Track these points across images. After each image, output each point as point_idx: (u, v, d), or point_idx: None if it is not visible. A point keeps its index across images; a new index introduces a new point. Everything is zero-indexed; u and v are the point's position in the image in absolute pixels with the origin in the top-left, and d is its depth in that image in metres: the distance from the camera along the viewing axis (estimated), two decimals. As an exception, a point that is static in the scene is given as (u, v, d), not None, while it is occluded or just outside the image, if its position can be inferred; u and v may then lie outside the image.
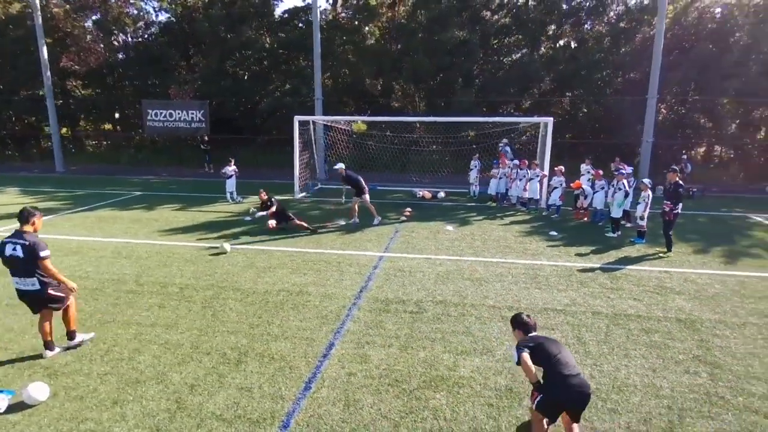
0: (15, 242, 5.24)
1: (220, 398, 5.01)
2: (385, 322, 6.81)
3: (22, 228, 5.36)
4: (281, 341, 6.24)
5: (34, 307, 5.55)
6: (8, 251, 5.24)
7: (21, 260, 5.23)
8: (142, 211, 14.47)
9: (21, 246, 5.21)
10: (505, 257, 9.97)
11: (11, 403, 4.84)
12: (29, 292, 5.37)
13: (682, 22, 19.95)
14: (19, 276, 5.32)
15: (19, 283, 5.34)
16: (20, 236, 5.28)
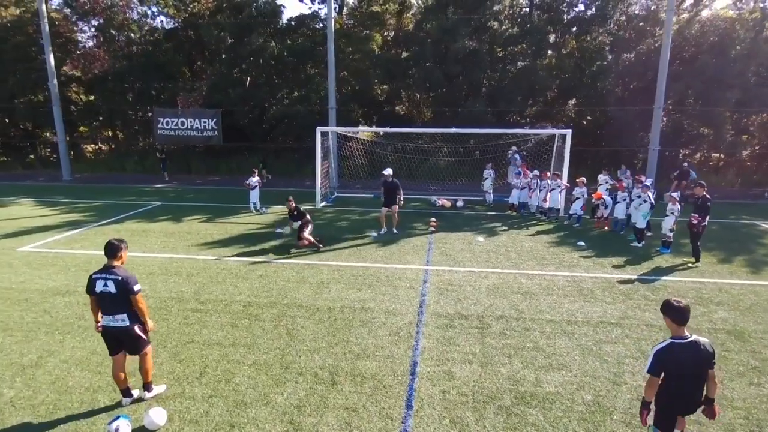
0: (106, 278, 5.14)
1: (331, 419, 5.26)
2: (455, 339, 7.12)
3: (111, 262, 5.26)
4: (364, 360, 6.49)
5: (116, 346, 5.32)
6: (99, 287, 5.13)
7: (112, 296, 5.13)
8: (170, 224, 14.52)
9: (113, 281, 5.12)
10: (544, 269, 10.36)
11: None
12: (117, 329, 5.21)
13: (686, 35, 20.71)
14: (110, 313, 5.19)
15: (108, 320, 5.20)
16: (110, 271, 5.18)
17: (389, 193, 13.07)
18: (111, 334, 5.26)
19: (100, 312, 5.30)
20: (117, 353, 5.33)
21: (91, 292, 5.22)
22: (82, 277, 9.51)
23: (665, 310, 4.20)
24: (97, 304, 5.26)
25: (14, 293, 8.80)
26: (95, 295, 5.21)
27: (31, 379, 5.99)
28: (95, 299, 5.25)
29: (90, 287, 5.21)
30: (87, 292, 5.28)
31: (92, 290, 5.19)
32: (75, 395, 5.65)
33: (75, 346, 6.84)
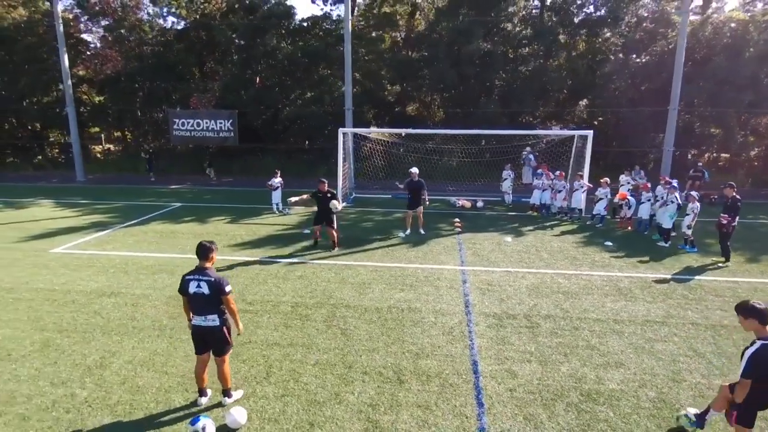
0: (199, 279, 5.24)
1: (406, 416, 5.35)
2: (508, 338, 7.23)
3: (203, 264, 5.36)
4: (425, 359, 6.59)
5: (203, 345, 5.40)
6: (192, 288, 5.23)
7: (206, 297, 5.23)
8: (195, 225, 14.57)
9: (207, 283, 5.22)
10: (578, 269, 10.49)
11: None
12: (208, 329, 5.30)
13: (699, 36, 20.92)
14: (202, 313, 5.28)
15: (200, 320, 5.29)
16: (203, 273, 5.28)
17: (415, 193, 13.04)
18: (201, 333, 5.36)
19: (190, 312, 5.43)
20: (203, 353, 5.45)
21: (184, 293, 5.33)
22: (123, 279, 9.62)
23: (746, 311, 4.31)
24: (190, 304, 5.37)
25: (59, 295, 8.84)
26: (187, 296, 5.30)
27: (100, 379, 6.05)
28: (187, 299, 5.35)
29: (183, 287, 5.32)
30: (180, 292, 5.38)
31: (185, 290, 5.30)
32: (148, 395, 5.72)
33: (134, 347, 6.90)
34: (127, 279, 9.68)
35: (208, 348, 5.41)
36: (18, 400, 5.61)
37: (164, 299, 8.64)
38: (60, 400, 5.61)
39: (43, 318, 7.84)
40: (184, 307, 5.45)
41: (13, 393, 5.75)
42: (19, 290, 9.07)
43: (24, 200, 18.61)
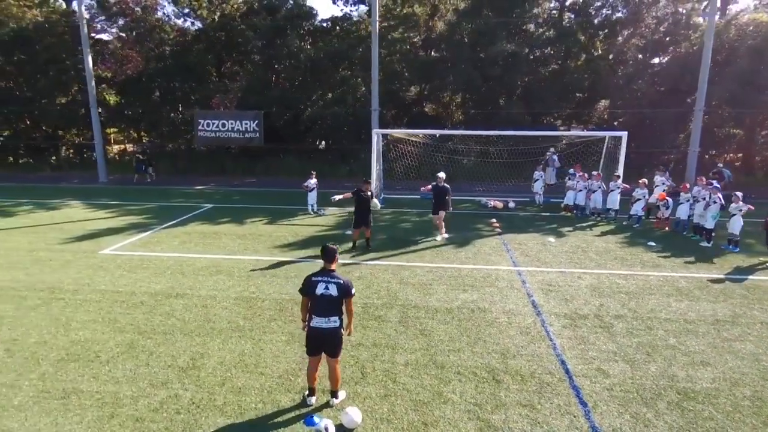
0: (328, 281, 5.30)
1: (515, 415, 5.42)
2: (587, 338, 7.31)
3: (329, 266, 5.42)
4: (512, 359, 6.66)
5: (318, 347, 5.42)
6: (320, 290, 5.28)
7: (332, 299, 5.29)
8: (234, 226, 14.59)
9: (335, 285, 5.29)
10: (631, 269, 10.58)
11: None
12: (329, 330, 5.33)
13: (723, 38, 21.08)
14: (325, 315, 5.31)
15: (321, 322, 5.31)
16: (331, 275, 5.35)
17: (438, 197, 12.56)
18: (320, 335, 5.37)
19: (309, 313, 5.44)
20: (317, 354, 5.48)
21: (307, 293, 5.34)
22: (182, 280, 9.64)
23: None
24: (309, 305, 5.39)
25: (125, 296, 8.87)
26: (312, 297, 5.31)
27: (198, 380, 6.09)
28: (309, 300, 5.37)
29: (308, 289, 5.33)
30: (303, 293, 5.39)
31: (310, 292, 5.31)
32: (252, 396, 5.76)
33: (219, 348, 6.94)
34: (187, 280, 9.70)
35: (321, 350, 5.45)
36: (124, 402, 5.65)
37: (232, 301, 8.67)
38: (166, 401, 5.65)
39: (118, 320, 7.87)
40: (302, 308, 5.49)
41: (117, 394, 5.79)
42: (83, 291, 9.09)
43: (53, 201, 18.59)
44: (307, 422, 5.27)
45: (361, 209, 11.73)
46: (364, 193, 11.53)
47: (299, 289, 5.45)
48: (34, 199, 18.93)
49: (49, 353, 6.77)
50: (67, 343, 7.05)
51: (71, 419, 5.33)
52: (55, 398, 5.71)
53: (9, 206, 17.60)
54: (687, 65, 21.28)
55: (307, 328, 5.45)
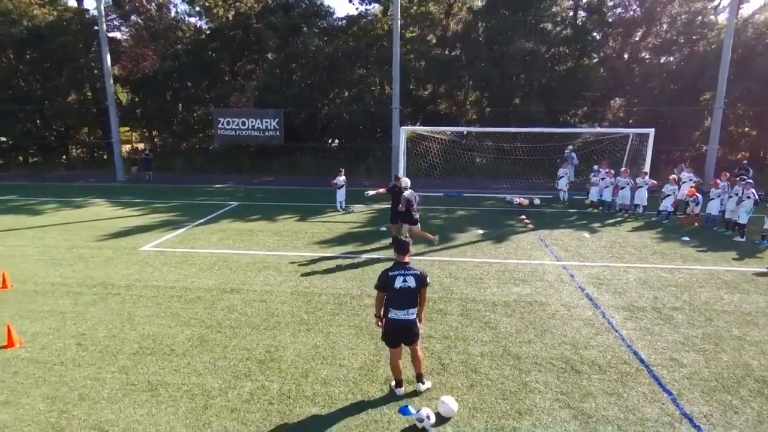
0: (405, 274, 5.33)
1: (604, 403, 5.48)
2: (651, 329, 7.39)
3: (403, 258, 5.46)
4: (584, 350, 6.73)
5: (399, 338, 5.45)
6: (399, 283, 5.28)
7: (411, 291, 5.33)
8: (268, 223, 14.60)
9: (413, 276, 5.34)
10: (672, 263, 10.68)
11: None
12: (408, 322, 5.39)
13: (740, 37, 21.26)
14: (404, 307, 5.35)
15: (401, 314, 5.35)
16: (407, 267, 5.38)
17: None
18: (400, 327, 5.41)
19: (386, 307, 5.45)
20: (398, 346, 5.52)
21: (386, 288, 5.35)
22: (232, 276, 9.67)
23: None
24: (386, 300, 5.39)
25: (180, 291, 8.89)
26: (392, 291, 5.33)
27: (279, 372, 6.13)
28: (385, 295, 5.39)
29: (387, 283, 5.33)
30: (380, 289, 5.36)
31: (389, 286, 5.32)
32: (338, 387, 5.80)
33: (291, 341, 6.98)
34: (236, 276, 9.73)
35: (402, 341, 5.49)
36: (213, 393, 5.68)
37: (288, 295, 8.71)
38: (256, 392, 5.68)
39: (180, 314, 7.89)
40: (378, 303, 5.45)
41: (203, 386, 5.81)
42: (136, 287, 9.10)
43: (76, 200, 18.54)
44: (402, 411, 5.32)
45: (395, 204, 11.75)
46: (398, 189, 11.58)
47: (376, 286, 5.41)
48: (57, 198, 18.87)
49: (122, 347, 6.79)
50: (137, 337, 7.07)
51: (165, 410, 5.36)
52: (143, 390, 5.73)
53: (34, 205, 17.55)
54: (704, 64, 21.44)
55: (385, 321, 5.45)
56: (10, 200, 18.53)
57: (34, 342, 6.95)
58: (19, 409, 5.40)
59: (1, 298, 8.64)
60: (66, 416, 5.26)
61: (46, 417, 5.25)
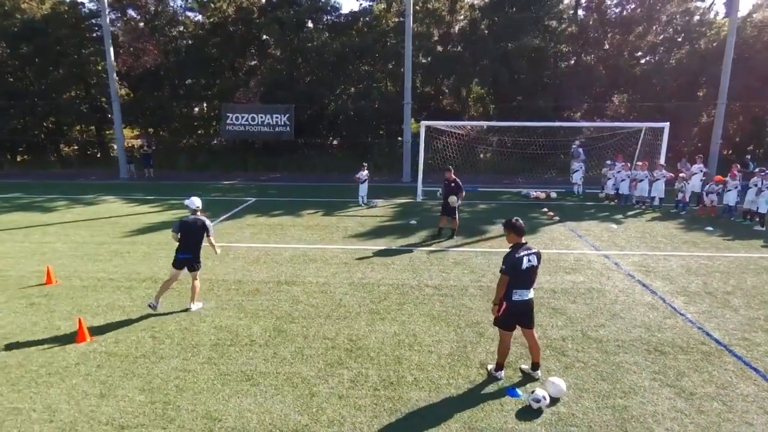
0: (528, 253, 5.35)
1: (698, 381, 5.62)
2: (713, 312, 7.58)
3: (521, 239, 5.48)
4: (658, 332, 6.86)
5: (516, 321, 5.51)
6: (525, 264, 5.32)
7: (534, 269, 5.41)
8: (294, 218, 14.47)
9: (535, 255, 5.41)
10: (707, 251, 10.98)
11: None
12: (529, 302, 5.48)
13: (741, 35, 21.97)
14: (528, 286, 5.42)
15: (526, 294, 5.41)
16: (527, 247, 5.40)
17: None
18: (523, 308, 5.46)
19: (508, 290, 5.40)
20: (513, 329, 5.55)
21: (514, 270, 5.30)
22: (280, 268, 9.64)
23: None
24: (510, 282, 5.34)
25: (235, 284, 8.78)
26: (519, 273, 5.31)
27: (370, 359, 6.11)
28: (514, 276, 5.33)
29: (515, 265, 5.30)
30: (508, 272, 5.30)
31: (517, 268, 5.30)
32: (439, 373, 5.81)
33: (368, 330, 6.95)
34: (285, 269, 9.64)
35: (518, 323, 5.54)
36: (313, 381, 5.63)
37: (347, 286, 8.67)
38: (357, 379, 5.66)
39: (245, 306, 7.79)
40: (502, 287, 5.39)
41: (299, 374, 5.75)
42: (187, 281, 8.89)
43: (84, 197, 18.07)
44: (511, 394, 5.38)
45: (446, 196, 11.82)
46: (447, 182, 11.65)
47: (503, 270, 5.33)
48: (64, 195, 18.35)
49: (198, 339, 6.67)
50: (210, 329, 6.95)
51: (272, 399, 5.30)
52: (240, 380, 5.65)
53: (42, 202, 17.05)
54: (705, 61, 22.07)
55: (505, 306, 5.43)
56: (15, 198, 17.96)
57: (105, 336, 6.77)
58: (120, 401, 5.27)
59: (50, 293, 8.40)
60: (171, 407, 5.16)
61: (152, 408, 5.14)
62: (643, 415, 5.01)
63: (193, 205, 7.63)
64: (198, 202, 7.69)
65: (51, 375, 5.78)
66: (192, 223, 7.48)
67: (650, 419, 4.95)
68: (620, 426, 4.85)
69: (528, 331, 5.61)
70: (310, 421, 4.92)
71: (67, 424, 4.88)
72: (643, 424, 4.87)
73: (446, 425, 4.87)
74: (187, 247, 7.48)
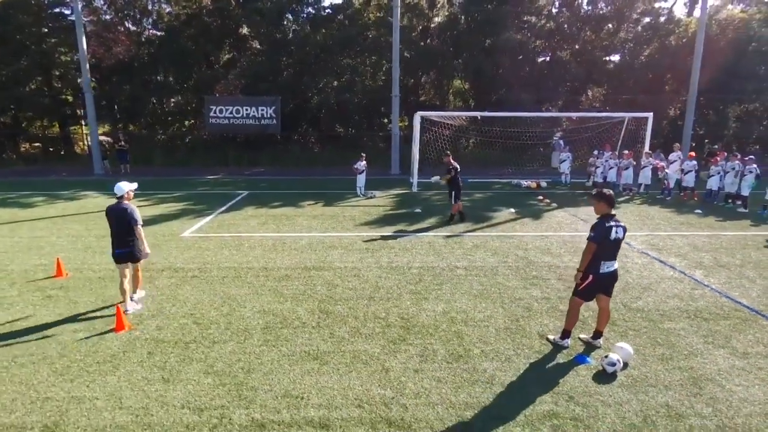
0: (617, 225, 5.42)
1: (748, 341, 5.94)
2: (733, 282, 8.00)
3: (610, 211, 5.52)
4: (692, 301, 7.19)
5: (596, 292, 5.60)
6: (614, 234, 5.37)
7: (620, 241, 5.48)
8: (295, 209, 14.19)
9: (622, 228, 5.46)
10: (704, 230, 11.56)
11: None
12: (616, 272, 5.59)
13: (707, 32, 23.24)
14: (614, 258, 5.49)
15: (612, 265, 5.49)
16: (616, 219, 5.47)
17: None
18: (609, 279, 5.57)
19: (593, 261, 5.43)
20: (592, 299, 5.67)
21: (603, 240, 5.34)
22: (302, 255, 9.51)
23: None
24: (597, 252, 5.37)
25: (262, 271, 8.54)
26: (607, 243, 5.36)
27: (431, 335, 6.10)
28: (603, 246, 5.36)
29: (605, 235, 5.34)
30: (597, 240, 5.32)
31: (606, 238, 5.35)
32: (503, 344, 5.87)
33: (416, 309, 6.92)
34: (309, 255, 9.46)
35: (599, 293, 5.61)
36: (382, 357, 5.57)
37: (379, 270, 8.60)
38: (426, 354, 5.64)
39: (282, 291, 7.60)
40: (588, 254, 5.40)
41: (366, 352, 5.68)
42: (209, 269, 8.63)
43: (63, 193, 17.13)
44: (580, 360, 5.49)
45: (457, 183, 11.91)
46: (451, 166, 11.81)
47: (592, 238, 5.36)
48: (39, 192, 17.30)
49: (246, 323, 6.46)
50: (254, 314, 6.75)
51: (349, 375, 5.21)
52: (307, 359, 5.52)
53: (17, 198, 16.03)
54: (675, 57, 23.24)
55: (591, 277, 5.45)
56: (-16, 195, 16.77)
57: (144, 324, 6.45)
58: (188, 385, 5.04)
59: (65, 285, 7.93)
60: (245, 388, 4.98)
61: (225, 390, 4.94)
62: (710, 374, 5.23)
63: (120, 191, 6.83)
64: (126, 187, 6.87)
65: (101, 364, 5.46)
66: (116, 210, 6.74)
67: (717, 377, 5.17)
68: (694, 383, 5.05)
69: (606, 299, 5.71)
70: (395, 394, 4.87)
71: (138, 410, 4.63)
72: (713, 381, 5.08)
73: (530, 391, 4.92)
74: (119, 239, 6.81)
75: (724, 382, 5.07)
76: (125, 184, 6.94)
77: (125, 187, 6.90)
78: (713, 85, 23.17)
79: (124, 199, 6.85)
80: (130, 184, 7.00)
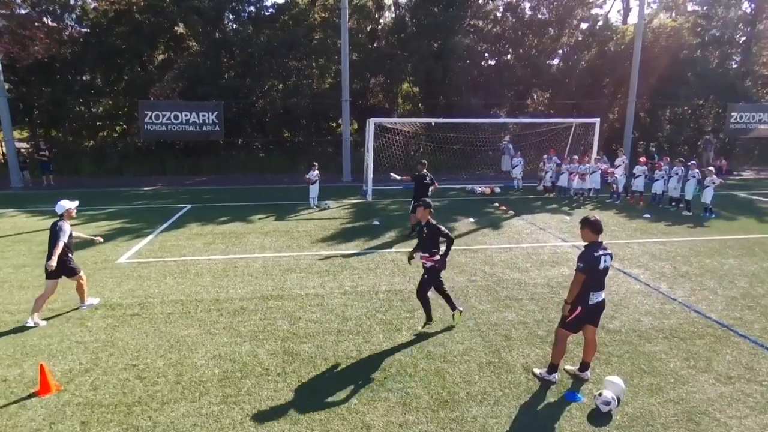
0: (605, 253, 5.14)
1: (728, 363, 5.89)
2: (697, 293, 8.11)
3: (598, 238, 5.21)
4: (666, 319, 7.15)
5: (585, 323, 5.29)
6: (602, 264, 5.12)
7: (607, 269, 5.21)
8: (245, 224, 13.21)
9: (609, 255, 5.18)
10: (656, 237, 11.88)
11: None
12: (604, 303, 5.34)
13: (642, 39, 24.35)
14: (602, 288, 5.24)
15: (600, 295, 5.22)
16: (604, 247, 5.19)
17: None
18: (597, 309, 5.29)
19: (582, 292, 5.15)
20: (579, 330, 5.36)
21: (590, 269, 5.03)
22: (259, 282, 8.85)
23: None
24: (585, 282, 5.08)
25: (213, 304, 7.69)
26: (595, 273, 5.07)
27: (410, 378, 5.60)
28: (591, 276, 5.07)
29: (593, 264, 5.05)
30: (585, 271, 5.01)
31: (594, 266, 5.04)
32: (487, 384, 5.47)
33: (395, 342, 6.42)
34: (264, 282, 8.69)
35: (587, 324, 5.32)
36: (360, 410, 5.00)
37: (342, 296, 8.00)
38: (408, 402, 5.12)
39: (238, 329, 6.82)
40: (577, 286, 5.11)
41: (338, 405, 5.09)
42: (151, 304, 7.68)
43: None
44: (571, 398, 5.19)
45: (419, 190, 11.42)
46: (418, 174, 11.43)
47: (581, 269, 5.06)
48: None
49: (200, 374, 5.67)
50: (208, 360, 5.96)
51: None
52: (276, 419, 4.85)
53: None
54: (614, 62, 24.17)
55: (580, 308, 5.16)
56: None
57: (75, 383, 5.48)
58: None
59: (-25, 335, 6.69)
60: None
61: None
62: (701, 405, 5.06)
63: (60, 209, 6.98)
64: (67, 205, 7.00)
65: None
66: (52, 228, 6.90)
67: (710, 408, 5.02)
68: (689, 419, 4.86)
69: (593, 329, 5.43)
70: (382, 459, 4.31)
71: None
72: (708, 415, 4.91)
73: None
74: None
75: (718, 414, 4.91)
76: (66, 202, 7.00)
77: (66, 205, 6.97)
78: (648, 90, 24.32)
79: (65, 218, 6.92)
80: (70, 202, 7.06)
